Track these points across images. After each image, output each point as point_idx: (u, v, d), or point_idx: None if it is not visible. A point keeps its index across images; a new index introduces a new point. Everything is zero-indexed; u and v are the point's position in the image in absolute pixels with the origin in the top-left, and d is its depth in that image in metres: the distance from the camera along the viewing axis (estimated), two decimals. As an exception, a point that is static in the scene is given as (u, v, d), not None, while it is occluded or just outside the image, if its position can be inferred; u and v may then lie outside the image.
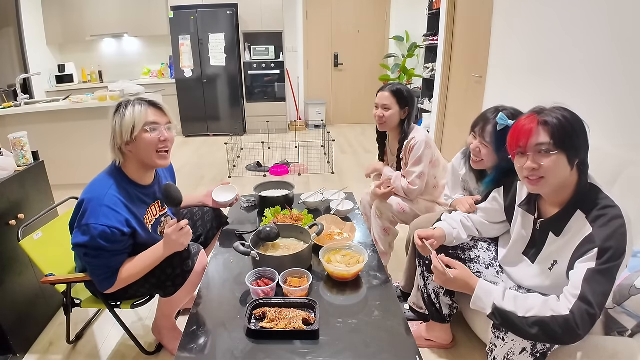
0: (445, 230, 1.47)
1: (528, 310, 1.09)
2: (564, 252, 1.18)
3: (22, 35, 5.05)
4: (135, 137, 1.40)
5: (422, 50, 5.73)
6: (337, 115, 6.91)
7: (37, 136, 2.49)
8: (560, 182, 1.15)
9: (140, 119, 1.40)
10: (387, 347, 1.12)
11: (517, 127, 1.16)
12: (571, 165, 1.12)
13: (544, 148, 1.11)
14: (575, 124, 1.11)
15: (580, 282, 1.05)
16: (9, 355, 1.71)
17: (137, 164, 1.48)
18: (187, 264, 1.50)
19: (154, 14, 5.75)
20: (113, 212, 1.37)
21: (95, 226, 1.33)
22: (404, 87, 2.05)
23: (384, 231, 2.08)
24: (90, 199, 1.38)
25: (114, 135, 1.41)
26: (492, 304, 1.14)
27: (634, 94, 1.85)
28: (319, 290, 1.38)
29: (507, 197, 1.42)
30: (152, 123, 1.42)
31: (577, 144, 1.12)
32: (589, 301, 1.02)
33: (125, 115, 1.39)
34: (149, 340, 1.83)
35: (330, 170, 4.37)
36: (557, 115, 1.11)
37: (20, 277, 1.81)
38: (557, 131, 1.09)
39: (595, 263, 1.05)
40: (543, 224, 1.26)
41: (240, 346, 1.13)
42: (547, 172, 1.12)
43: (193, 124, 6.08)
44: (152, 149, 1.43)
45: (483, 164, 1.56)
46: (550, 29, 2.49)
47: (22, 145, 1.94)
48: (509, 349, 1.16)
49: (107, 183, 1.42)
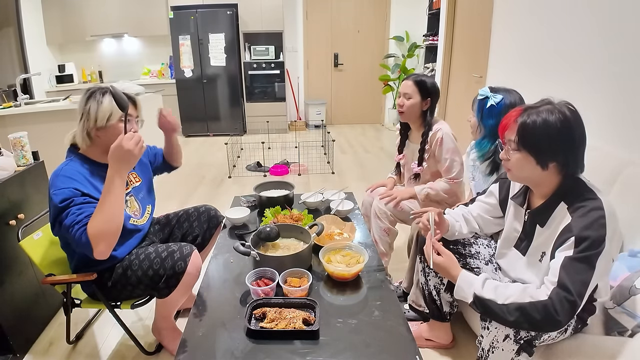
0: (449, 222, 1.49)
1: (507, 298, 1.12)
2: (549, 243, 1.20)
3: (22, 35, 5.05)
4: (109, 125, 1.45)
5: (422, 50, 5.73)
6: (337, 115, 6.91)
7: (37, 136, 2.49)
8: (530, 177, 1.21)
9: (117, 110, 1.43)
10: (387, 347, 1.13)
11: (506, 116, 1.23)
12: (541, 166, 1.16)
13: (511, 145, 1.19)
14: (554, 128, 1.11)
15: (557, 269, 1.08)
16: (9, 355, 1.71)
17: (101, 148, 1.48)
18: (179, 266, 1.48)
19: (154, 14, 5.76)
20: (70, 180, 1.39)
21: (55, 192, 1.35)
22: (429, 79, 2.03)
23: (384, 232, 2.07)
24: (50, 178, 1.42)
25: (87, 118, 1.45)
26: (472, 293, 1.18)
27: (634, 95, 1.85)
28: (319, 290, 1.38)
29: (502, 192, 1.45)
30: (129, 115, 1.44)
31: (547, 148, 1.13)
32: (567, 288, 1.05)
33: (103, 103, 1.44)
34: (149, 340, 1.83)
35: (330, 170, 4.37)
36: (537, 118, 1.13)
37: (20, 277, 1.81)
38: (523, 132, 1.15)
39: (573, 251, 1.08)
40: (530, 215, 1.29)
41: (240, 346, 1.13)
42: (512, 167, 1.21)
43: (193, 124, 6.08)
44: None
45: (475, 135, 1.78)
46: (550, 29, 2.49)
47: (22, 145, 1.94)
48: (493, 337, 1.18)
49: (64, 163, 1.47)
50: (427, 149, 2.04)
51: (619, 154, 1.72)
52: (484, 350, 1.22)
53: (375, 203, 2.10)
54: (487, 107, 1.68)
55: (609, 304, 1.33)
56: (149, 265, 1.50)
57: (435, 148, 2.00)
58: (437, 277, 1.61)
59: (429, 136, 2.01)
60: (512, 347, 1.15)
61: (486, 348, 1.21)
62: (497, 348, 1.18)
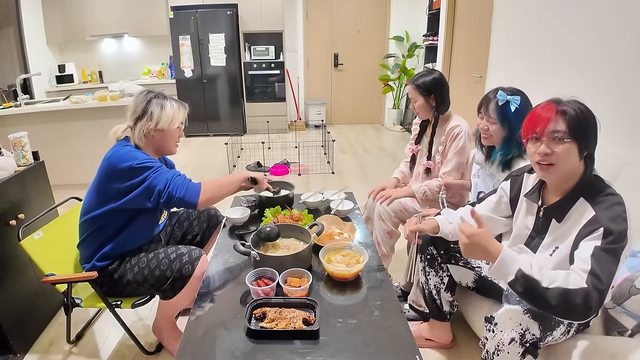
0: (439, 223, 1.50)
1: (552, 281, 1.06)
2: (566, 237, 1.20)
3: (22, 35, 5.05)
4: (168, 129, 1.58)
5: (422, 50, 5.73)
6: (337, 115, 6.91)
7: (37, 136, 2.49)
8: (568, 170, 1.20)
9: (179, 118, 1.61)
10: (387, 347, 1.13)
11: (535, 113, 1.21)
12: (580, 156, 1.17)
13: (559, 135, 1.16)
14: (590, 118, 1.17)
15: (588, 257, 1.07)
16: (9, 355, 1.71)
17: (152, 148, 1.61)
18: (186, 269, 1.50)
19: (154, 14, 5.76)
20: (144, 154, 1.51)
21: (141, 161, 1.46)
22: (427, 76, 2.03)
23: (387, 234, 2.08)
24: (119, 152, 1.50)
25: (149, 119, 1.54)
26: (517, 269, 1.09)
27: (633, 94, 1.85)
28: (319, 290, 1.38)
29: (513, 189, 1.44)
30: (181, 122, 1.64)
31: (589, 136, 1.17)
32: (598, 276, 1.04)
33: (166, 108, 1.56)
34: (149, 340, 1.83)
35: (330, 170, 4.37)
36: (574, 107, 1.16)
37: (21, 277, 1.81)
38: (573, 121, 1.15)
39: (601, 242, 1.08)
40: (547, 210, 1.28)
41: (241, 346, 1.13)
42: (558, 159, 1.17)
43: (193, 124, 6.07)
44: (174, 141, 1.65)
45: (492, 139, 1.70)
46: (550, 28, 2.49)
47: (22, 145, 1.94)
48: (498, 340, 1.17)
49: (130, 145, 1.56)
50: (442, 141, 2.05)
51: (619, 153, 1.72)
52: (488, 352, 1.21)
53: (379, 206, 2.10)
54: (512, 111, 1.61)
55: (609, 304, 1.34)
56: (157, 264, 1.51)
57: (450, 142, 2.02)
58: (437, 276, 1.61)
59: (447, 130, 2.03)
60: (517, 350, 1.14)
61: (491, 351, 1.20)
62: (502, 351, 1.17)
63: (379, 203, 2.08)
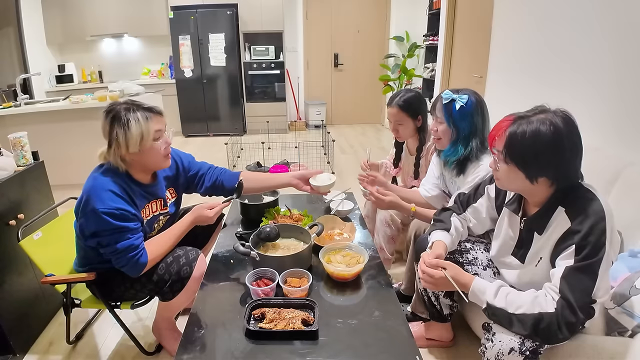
0: (446, 243, 1.42)
1: (518, 307, 1.11)
2: (546, 248, 1.20)
3: (22, 35, 5.04)
4: (143, 149, 1.39)
5: (422, 50, 5.72)
6: (337, 115, 6.91)
7: (37, 136, 2.49)
8: (520, 189, 1.18)
9: (147, 132, 1.38)
10: (387, 347, 1.12)
11: (497, 124, 1.19)
12: (530, 180, 1.13)
13: (496, 155, 1.16)
14: (543, 142, 1.07)
15: (558, 280, 1.08)
16: (9, 355, 1.71)
17: (139, 168, 1.48)
18: (184, 270, 1.49)
19: (154, 14, 5.75)
20: (117, 197, 1.36)
21: (102, 210, 1.32)
22: (410, 95, 1.96)
23: (392, 239, 2.07)
24: (92, 187, 1.36)
25: (117, 147, 1.37)
26: (485, 301, 1.17)
27: (633, 95, 1.85)
28: (319, 290, 1.38)
29: (499, 196, 1.42)
30: (157, 131, 1.42)
31: (534, 162, 1.10)
32: (567, 299, 1.05)
33: (131, 128, 1.35)
34: (148, 341, 1.83)
35: (330, 171, 4.37)
36: (527, 128, 1.08)
37: (20, 277, 1.81)
38: (511, 144, 1.11)
39: (574, 260, 1.07)
40: (527, 222, 1.27)
41: (240, 346, 1.13)
42: (500, 177, 1.19)
43: (193, 124, 6.08)
44: (159, 155, 1.45)
45: (442, 142, 1.68)
46: (550, 29, 2.49)
47: (22, 145, 1.94)
48: (498, 350, 1.16)
49: (105, 177, 1.40)
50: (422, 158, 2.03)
51: (619, 154, 1.72)
52: None
53: (384, 211, 2.08)
54: (456, 109, 1.59)
55: (609, 304, 1.33)
56: (154, 269, 1.48)
57: (430, 155, 1.97)
58: None
59: (424, 149, 2.00)
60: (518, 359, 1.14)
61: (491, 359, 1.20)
62: None
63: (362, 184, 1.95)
